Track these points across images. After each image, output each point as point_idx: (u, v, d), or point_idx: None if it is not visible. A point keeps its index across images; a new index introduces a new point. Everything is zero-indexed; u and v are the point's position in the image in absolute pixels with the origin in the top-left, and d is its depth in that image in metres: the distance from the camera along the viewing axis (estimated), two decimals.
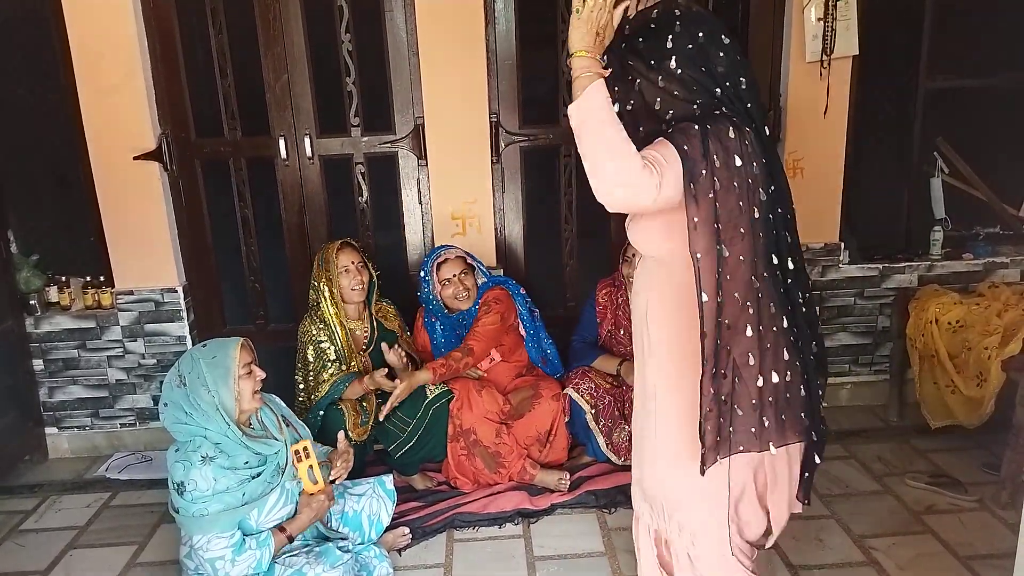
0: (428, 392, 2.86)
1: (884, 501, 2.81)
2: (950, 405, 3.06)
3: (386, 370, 2.79)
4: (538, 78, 3.35)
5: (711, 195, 1.51)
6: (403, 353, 2.87)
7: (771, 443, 1.62)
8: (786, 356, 1.61)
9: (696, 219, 1.52)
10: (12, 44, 3.25)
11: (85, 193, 3.28)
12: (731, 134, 1.53)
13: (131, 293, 3.31)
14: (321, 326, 2.86)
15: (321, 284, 2.86)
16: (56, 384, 3.41)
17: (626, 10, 1.65)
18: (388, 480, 2.59)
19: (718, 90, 1.55)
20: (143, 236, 3.25)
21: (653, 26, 1.56)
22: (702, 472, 1.59)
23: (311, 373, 2.86)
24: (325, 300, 2.85)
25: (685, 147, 1.51)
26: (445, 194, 3.30)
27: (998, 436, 2.83)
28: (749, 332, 1.57)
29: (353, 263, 2.87)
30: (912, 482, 2.88)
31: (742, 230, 1.54)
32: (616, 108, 1.56)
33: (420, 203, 3.40)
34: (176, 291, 3.31)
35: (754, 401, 1.60)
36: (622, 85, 1.61)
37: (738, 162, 1.53)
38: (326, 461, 2.40)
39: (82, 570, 2.64)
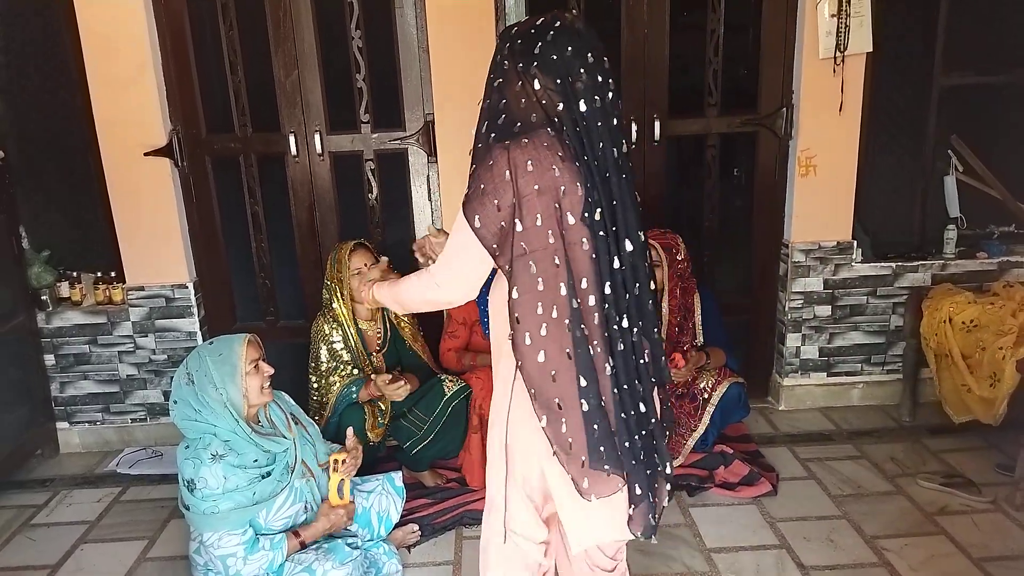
0: (446, 389, 2.85)
1: (896, 502, 2.79)
2: (968, 403, 3.04)
3: (389, 376, 2.77)
4: None
5: (522, 250, 1.57)
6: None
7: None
8: (607, 383, 1.63)
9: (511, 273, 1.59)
10: (24, 40, 3.26)
11: (96, 189, 3.29)
12: (555, 168, 1.56)
13: (142, 289, 3.31)
14: (335, 325, 2.85)
15: (333, 284, 2.85)
16: (67, 379, 3.42)
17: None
18: (397, 477, 2.59)
19: (561, 105, 1.58)
20: (154, 232, 3.26)
21: (533, 31, 1.62)
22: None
23: (323, 375, 2.86)
24: (337, 300, 2.84)
25: (478, 223, 1.58)
26: (455, 191, 3.29)
27: (1012, 437, 2.81)
28: (566, 355, 1.60)
29: (366, 265, 2.85)
30: (925, 483, 2.86)
31: (557, 262, 1.57)
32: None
33: (430, 200, 3.39)
34: (187, 287, 3.32)
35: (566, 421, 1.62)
36: (491, 85, 1.67)
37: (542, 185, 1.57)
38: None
39: (93, 564, 2.65)
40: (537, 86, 1.59)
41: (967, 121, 3.44)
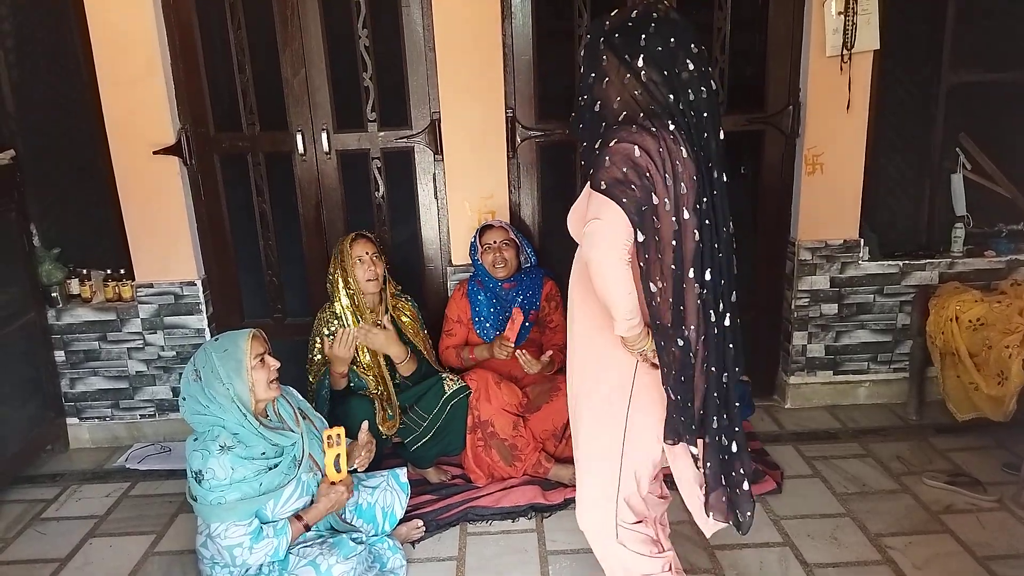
0: (446, 388, 2.86)
1: (901, 500, 2.78)
2: (975, 401, 3.02)
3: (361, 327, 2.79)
4: (555, 73, 3.35)
5: (654, 223, 1.67)
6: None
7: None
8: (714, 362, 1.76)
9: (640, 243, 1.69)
10: (34, 39, 3.29)
11: (106, 187, 3.32)
12: (681, 151, 1.65)
13: (151, 286, 3.34)
14: (332, 321, 2.87)
15: (336, 275, 2.87)
16: (77, 375, 3.46)
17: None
18: (402, 473, 2.60)
19: (671, 96, 1.65)
20: (163, 230, 3.29)
21: (630, 24, 1.68)
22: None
23: (317, 369, 2.88)
24: (339, 291, 2.86)
25: (624, 200, 1.64)
26: (461, 189, 3.31)
27: (1019, 435, 2.80)
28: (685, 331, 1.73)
29: (368, 253, 2.87)
30: (930, 481, 2.85)
31: (674, 242, 1.67)
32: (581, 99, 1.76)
33: (436, 198, 3.41)
34: (195, 284, 3.35)
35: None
36: (590, 81, 1.73)
37: (669, 180, 1.66)
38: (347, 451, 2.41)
39: (101, 558, 2.68)
40: (644, 78, 1.65)
41: (975, 119, 3.43)
